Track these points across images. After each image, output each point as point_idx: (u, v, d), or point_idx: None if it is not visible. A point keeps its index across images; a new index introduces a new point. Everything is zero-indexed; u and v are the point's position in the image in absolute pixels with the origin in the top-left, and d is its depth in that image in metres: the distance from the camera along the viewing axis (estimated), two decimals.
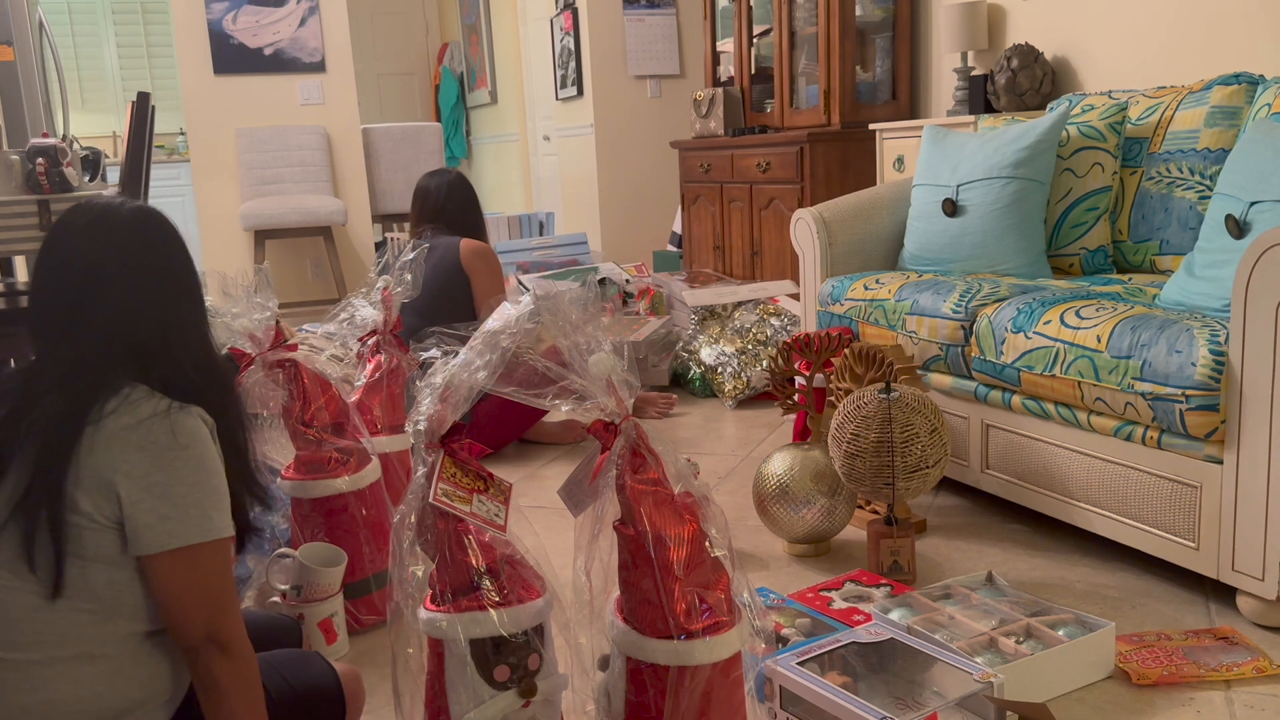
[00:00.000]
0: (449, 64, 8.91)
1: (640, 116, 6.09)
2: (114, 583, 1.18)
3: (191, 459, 1.19)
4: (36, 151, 3.04)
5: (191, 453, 1.19)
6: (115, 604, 1.19)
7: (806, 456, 2.33)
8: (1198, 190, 2.59)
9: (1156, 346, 1.97)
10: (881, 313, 2.73)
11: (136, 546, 1.17)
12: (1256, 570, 1.87)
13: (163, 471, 1.17)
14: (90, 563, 1.17)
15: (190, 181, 6.72)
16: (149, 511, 1.16)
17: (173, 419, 1.19)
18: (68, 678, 1.17)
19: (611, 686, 1.30)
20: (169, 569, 1.18)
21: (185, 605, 1.19)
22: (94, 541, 1.16)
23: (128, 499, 1.16)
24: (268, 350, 2.04)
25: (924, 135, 3.05)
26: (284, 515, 2.20)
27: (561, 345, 1.27)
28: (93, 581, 1.17)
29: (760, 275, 4.58)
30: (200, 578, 1.20)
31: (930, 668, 1.57)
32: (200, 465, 1.20)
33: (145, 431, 1.17)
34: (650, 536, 1.22)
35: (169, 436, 1.18)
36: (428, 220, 3.42)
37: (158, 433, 1.17)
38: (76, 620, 1.17)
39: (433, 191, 3.45)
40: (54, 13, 8.07)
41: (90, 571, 1.17)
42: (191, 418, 1.20)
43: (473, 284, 3.32)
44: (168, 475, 1.17)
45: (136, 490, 1.16)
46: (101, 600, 1.18)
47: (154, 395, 1.20)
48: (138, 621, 1.21)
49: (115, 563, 1.18)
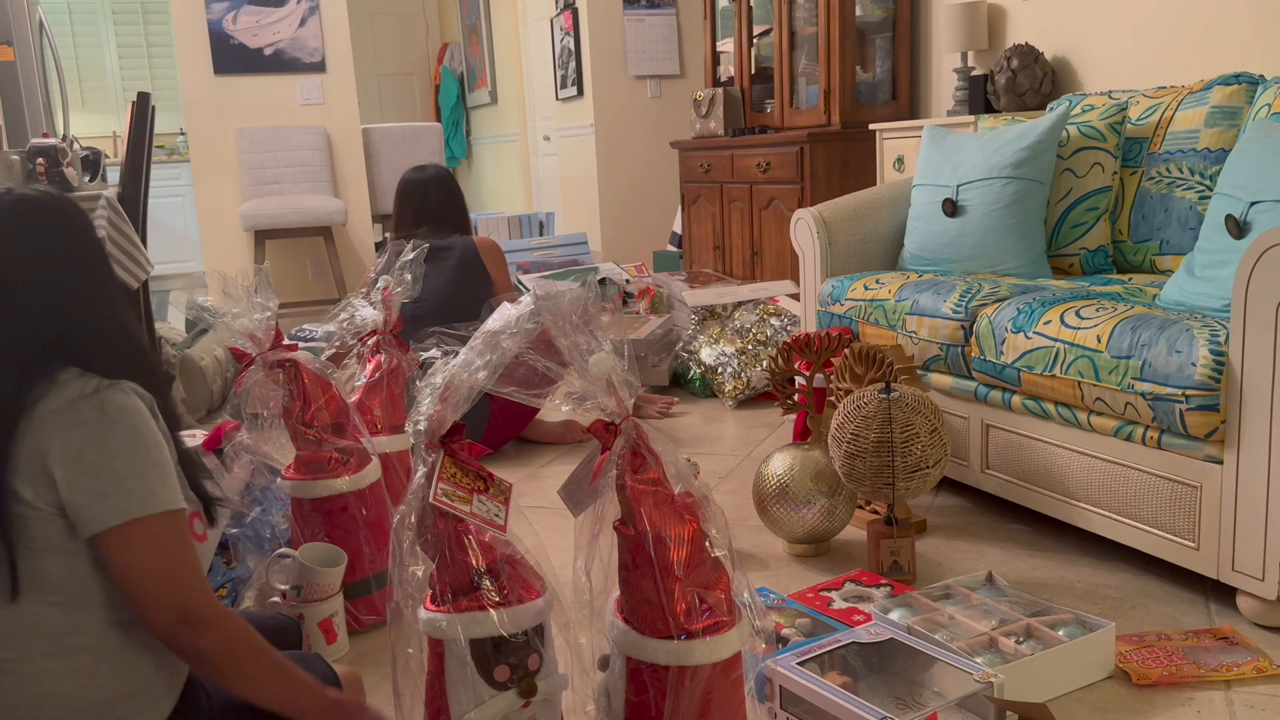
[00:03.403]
0: (449, 64, 8.91)
1: (640, 116, 6.09)
2: (74, 571, 1.17)
3: (125, 433, 1.17)
4: (36, 151, 3.04)
5: (124, 427, 1.17)
6: (80, 593, 1.17)
7: (806, 456, 2.33)
8: (1198, 190, 2.59)
9: (1156, 346, 1.97)
10: (881, 313, 2.73)
11: (82, 528, 1.15)
12: (1256, 570, 1.87)
13: (95, 449, 1.15)
14: (43, 553, 1.15)
15: (190, 181, 6.73)
16: (87, 491, 1.14)
17: (101, 396, 1.17)
18: (48, 673, 1.16)
19: (611, 686, 1.30)
20: (120, 547, 1.16)
21: (147, 586, 1.16)
22: (41, 531, 1.15)
23: (63, 481, 1.14)
24: (268, 350, 2.04)
25: (924, 135, 3.06)
26: (284, 515, 2.20)
27: (561, 345, 1.27)
28: (51, 572, 1.16)
29: (760, 275, 4.58)
30: (156, 553, 1.17)
31: (930, 668, 1.57)
32: (136, 438, 1.17)
33: (74, 412, 1.15)
34: (650, 536, 1.22)
35: (98, 413, 1.16)
36: (427, 219, 3.36)
37: (86, 411, 1.16)
38: (45, 614, 1.16)
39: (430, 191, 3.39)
40: (54, 13, 8.07)
41: (45, 563, 1.15)
42: (123, 394, 1.18)
43: (495, 280, 3.35)
44: (101, 452, 1.15)
45: (70, 471, 1.14)
46: (65, 591, 1.17)
47: (84, 376, 1.18)
48: (110, 609, 1.19)
49: (69, 551, 1.16)
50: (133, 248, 3.18)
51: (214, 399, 3.86)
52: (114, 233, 3.06)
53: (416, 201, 3.40)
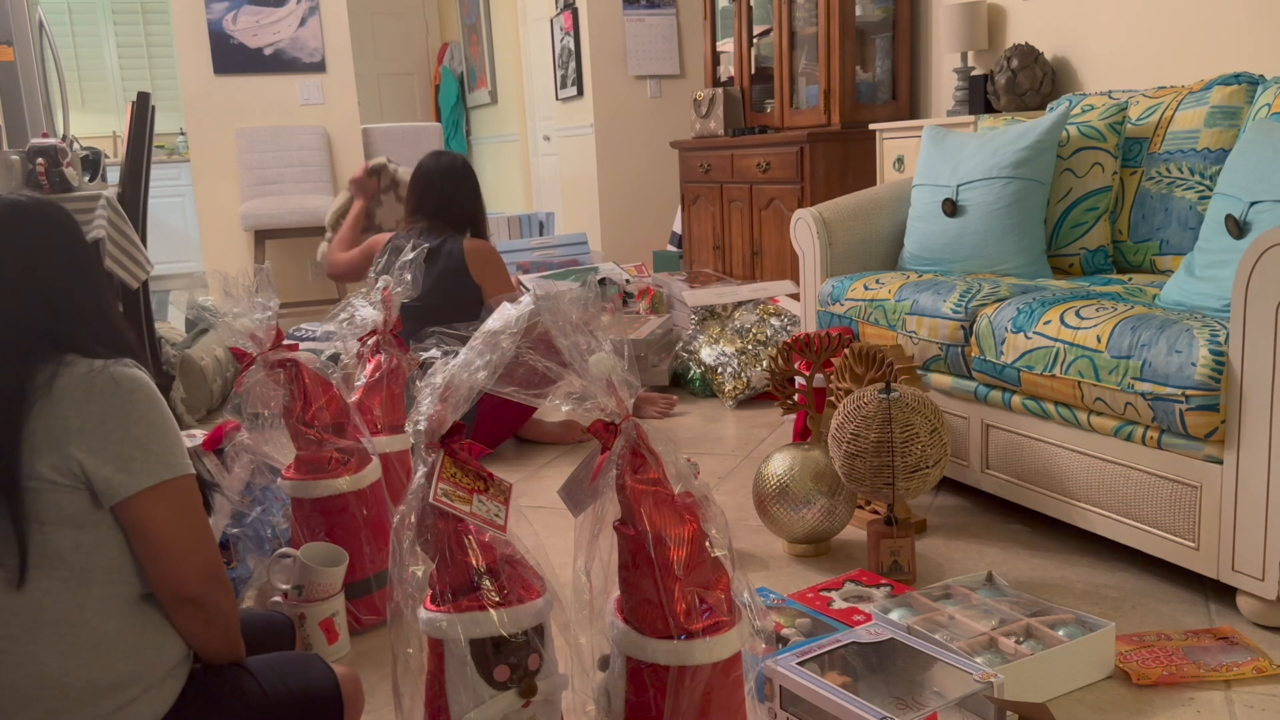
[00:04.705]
0: (449, 64, 8.91)
1: (640, 116, 6.09)
2: (80, 545, 1.19)
3: (141, 401, 1.22)
4: (36, 151, 3.04)
5: (140, 396, 1.22)
6: (86, 568, 1.19)
7: (806, 456, 2.33)
8: (1198, 190, 2.59)
9: (1156, 346, 1.97)
10: (881, 313, 2.73)
11: (110, 496, 1.19)
12: (1256, 570, 1.87)
13: (116, 418, 1.20)
14: (52, 527, 1.17)
15: (190, 181, 6.73)
16: (113, 458, 1.19)
17: (112, 371, 1.22)
18: (51, 650, 1.18)
19: (611, 686, 1.30)
20: (150, 511, 1.20)
21: (183, 544, 1.22)
22: (54, 504, 1.17)
23: (87, 452, 1.17)
24: (269, 350, 2.04)
25: (924, 135, 3.06)
26: (284, 515, 2.20)
27: (561, 345, 1.27)
28: (59, 547, 1.18)
29: (760, 275, 4.58)
30: (186, 514, 1.23)
31: (930, 668, 1.57)
32: (152, 405, 1.23)
33: (88, 385, 1.20)
34: (650, 536, 1.22)
35: (112, 385, 1.21)
36: (426, 215, 3.25)
37: (100, 383, 1.20)
38: (49, 588, 1.18)
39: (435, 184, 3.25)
40: (54, 13, 8.07)
41: (53, 537, 1.18)
42: (128, 368, 1.23)
43: (483, 289, 3.20)
44: (122, 420, 1.20)
45: (94, 441, 1.18)
46: (71, 566, 1.19)
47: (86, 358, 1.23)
48: (115, 584, 1.21)
49: (79, 524, 1.19)
50: (133, 248, 3.19)
51: (214, 399, 3.86)
52: (114, 233, 3.06)
53: (420, 192, 3.28)
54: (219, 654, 1.32)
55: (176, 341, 4.04)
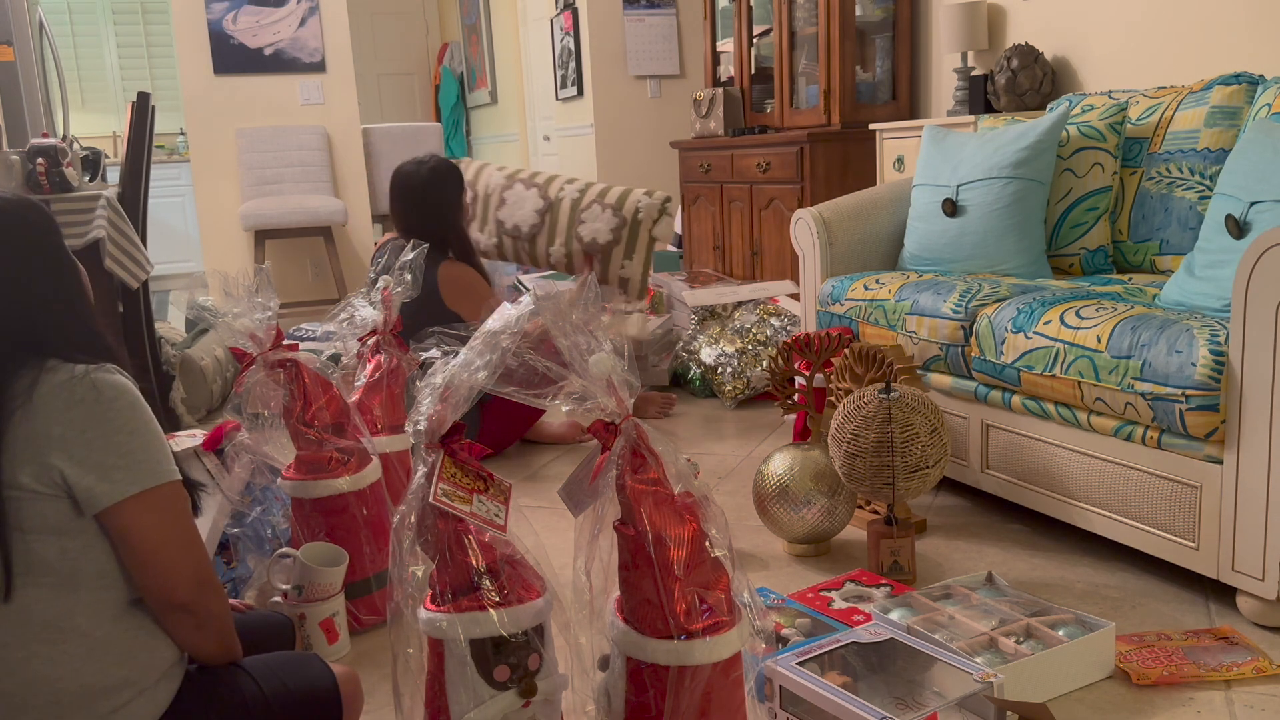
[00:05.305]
0: (449, 64, 8.91)
1: (640, 116, 6.09)
2: (67, 551, 1.18)
3: (123, 409, 1.20)
4: (36, 151, 3.04)
5: (122, 403, 1.20)
6: (74, 573, 1.18)
7: (806, 456, 2.33)
8: (1198, 190, 2.59)
9: (1156, 346, 1.97)
10: (881, 313, 2.73)
11: (92, 505, 1.17)
12: (1256, 570, 1.87)
13: (97, 426, 1.18)
14: (35, 536, 1.16)
15: (190, 181, 6.73)
16: (95, 467, 1.17)
17: (93, 378, 1.19)
18: (41, 656, 1.17)
19: (611, 686, 1.30)
20: (134, 519, 1.19)
21: (170, 552, 1.20)
22: (37, 513, 1.16)
23: (68, 461, 1.16)
24: (269, 350, 2.04)
25: (924, 135, 3.06)
26: (284, 515, 2.20)
27: (561, 345, 1.27)
28: (44, 555, 1.17)
29: (760, 275, 4.58)
30: (173, 521, 1.21)
31: (930, 668, 1.57)
32: (135, 412, 1.21)
33: (68, 393, 1.18)
34: (650, 536, 1.22)
35: (94, 393, 1.18)
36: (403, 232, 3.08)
37: (81, 391, 1.18)
38: (38, 595, 1.17)
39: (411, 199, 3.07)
40: (54, 13, 8.07)
41: (36, 545, 1.16)
42: (110, 374, 1.21)
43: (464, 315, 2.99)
44: (104, 428, 1.18)
45: (76, 449, 1.16)
46: (58, 573, 1.18)
47: (67, 364, 1.20)
48: (104, 589, 1.20)
49: (63, 531, 1.17)
50: (133, 248, 3.18)
51: (214, 399, 3.86)
52: (114, 233, 3.06)
53: (399, 209, 3.12)
54: (213, 657, 1.31)
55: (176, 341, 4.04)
